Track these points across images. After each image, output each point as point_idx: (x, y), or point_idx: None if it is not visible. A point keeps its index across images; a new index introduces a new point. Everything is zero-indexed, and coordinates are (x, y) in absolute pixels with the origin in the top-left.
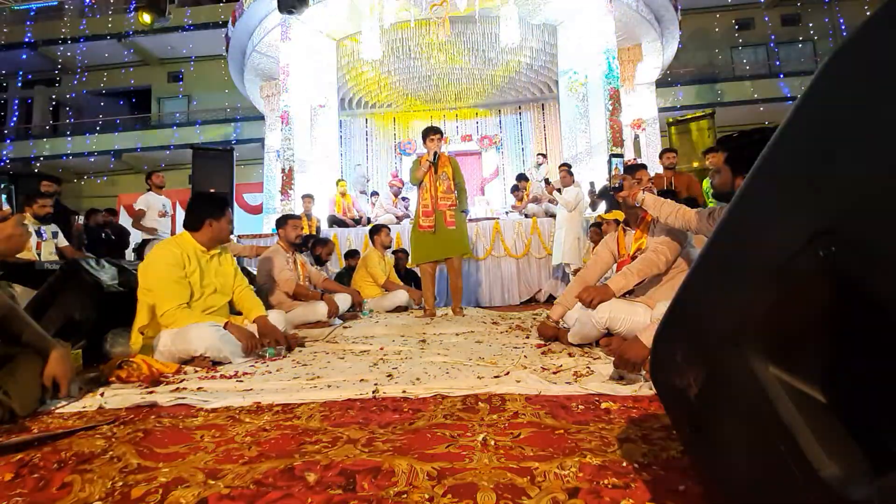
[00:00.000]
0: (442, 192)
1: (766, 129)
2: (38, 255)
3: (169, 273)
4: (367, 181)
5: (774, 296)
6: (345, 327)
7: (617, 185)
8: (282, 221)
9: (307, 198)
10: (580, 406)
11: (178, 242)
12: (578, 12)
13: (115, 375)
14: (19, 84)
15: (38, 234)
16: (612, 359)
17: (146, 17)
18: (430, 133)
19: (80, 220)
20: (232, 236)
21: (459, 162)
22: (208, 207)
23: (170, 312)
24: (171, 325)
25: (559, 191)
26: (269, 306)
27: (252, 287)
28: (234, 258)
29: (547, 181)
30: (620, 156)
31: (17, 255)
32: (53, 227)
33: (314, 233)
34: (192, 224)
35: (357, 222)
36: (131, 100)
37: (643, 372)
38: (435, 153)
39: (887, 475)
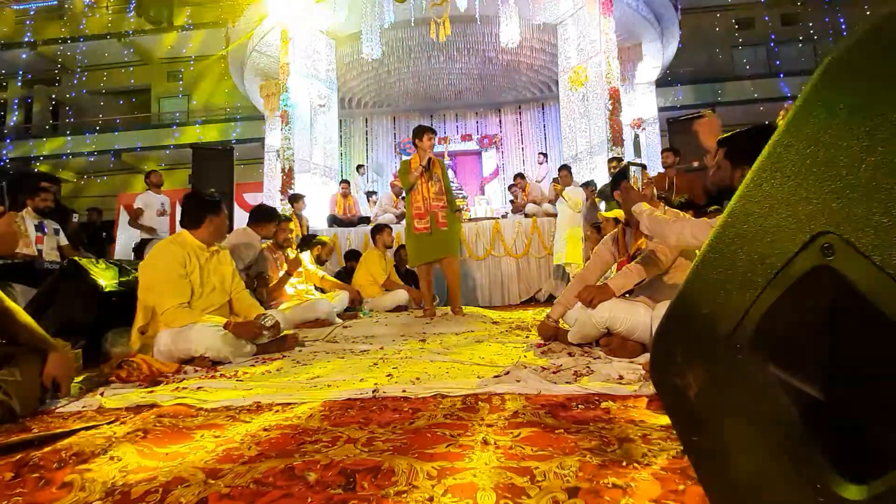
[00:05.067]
0: (434, 193)
1: (763, 126)
2: (39, 250)
3: (170, 272)
4: (374, 180)
5: (774, 296)
6: (345, 327)
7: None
8: None
9: (299, 198)
10: (580, 406)
11: (179, 241)
12: (578, 12)
13: (115, 375)
14: (19, 84)
15: (40, 228)
16: (612, 359)
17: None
18: (427, 132)
19: (76, 217)
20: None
21: (459, 162)
22: (206, 205)
23: (170, 311)
24: (171, 323)
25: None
26: (266, 306)
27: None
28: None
29: (556, 181)
30: (641, 166)
31: (18, 250)
32: (55, 224)
33: (304, 233)
34: (191, 222)
35: (360, 221)
36: (131, 99)
37: (643, 372)
38: (429, 159)
39: (886, 475)
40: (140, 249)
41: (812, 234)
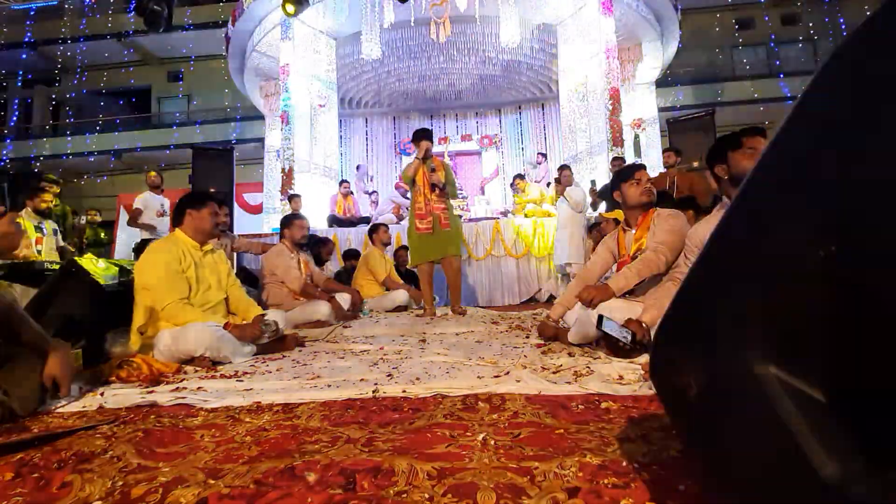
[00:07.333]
0: (436, 195)
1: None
2: (38, 251)
3: (167, 269)
4: (371, 179)
5: (774, 296)
6: (345, 327)
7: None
8: (287, 222)
9: (296, 198)
10: (580, 406)
11: (172, 240)
12: (578, 12)
13: (115, 375)
14: (19, 84)
15: (38, 229)
16: (612, 359)
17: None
18: (422, 138)
19: (83, 220)
20: (235, 233)
21: (460, 162)
22: (188, 200)
23: (171, 307)
24: (172, 319)
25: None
26: (266, 306)
27: (244, 287)
28: (228, 259)
29: (558, 181)
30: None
31: (17, 251)
32: (54, 225)
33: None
34: (176, 219)
35: (360, 221)
36: (131, 99)
37: (643, 372)
38: (429, 157)
39: (887, 475)
40: (140, 249)
41: (812, 233)
